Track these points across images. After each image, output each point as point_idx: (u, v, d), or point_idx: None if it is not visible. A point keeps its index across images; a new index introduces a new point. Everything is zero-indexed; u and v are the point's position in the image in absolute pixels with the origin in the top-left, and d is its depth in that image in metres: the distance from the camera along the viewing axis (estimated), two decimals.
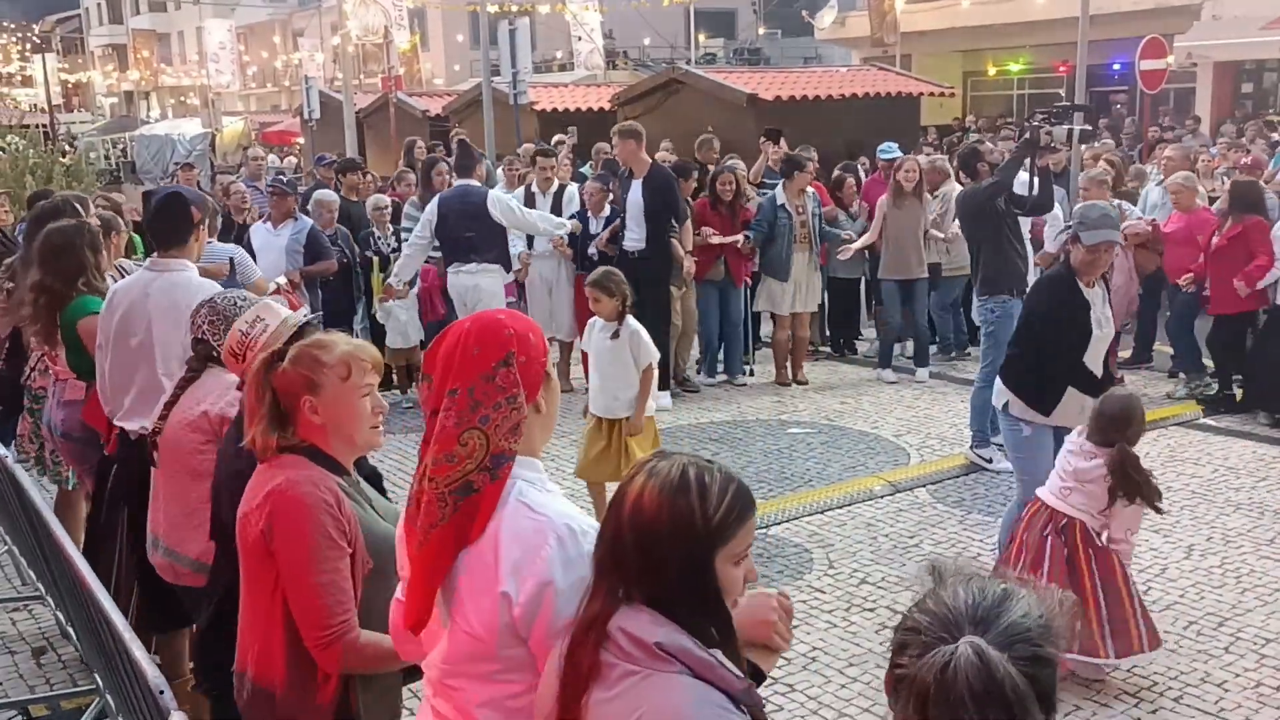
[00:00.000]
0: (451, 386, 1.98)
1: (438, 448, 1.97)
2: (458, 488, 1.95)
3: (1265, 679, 4.50)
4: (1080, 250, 4.94)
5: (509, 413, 1.98)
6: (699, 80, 15.79)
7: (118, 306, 4.21)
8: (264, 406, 2.52)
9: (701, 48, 37.33)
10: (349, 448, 2.62)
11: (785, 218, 9.04)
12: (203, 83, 48.40)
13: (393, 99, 20.63)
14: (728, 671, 1.71)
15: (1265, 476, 6.85)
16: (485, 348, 1.99)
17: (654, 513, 1.75)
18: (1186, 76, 24.67)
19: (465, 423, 1.96)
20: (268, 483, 2.49)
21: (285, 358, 2.55)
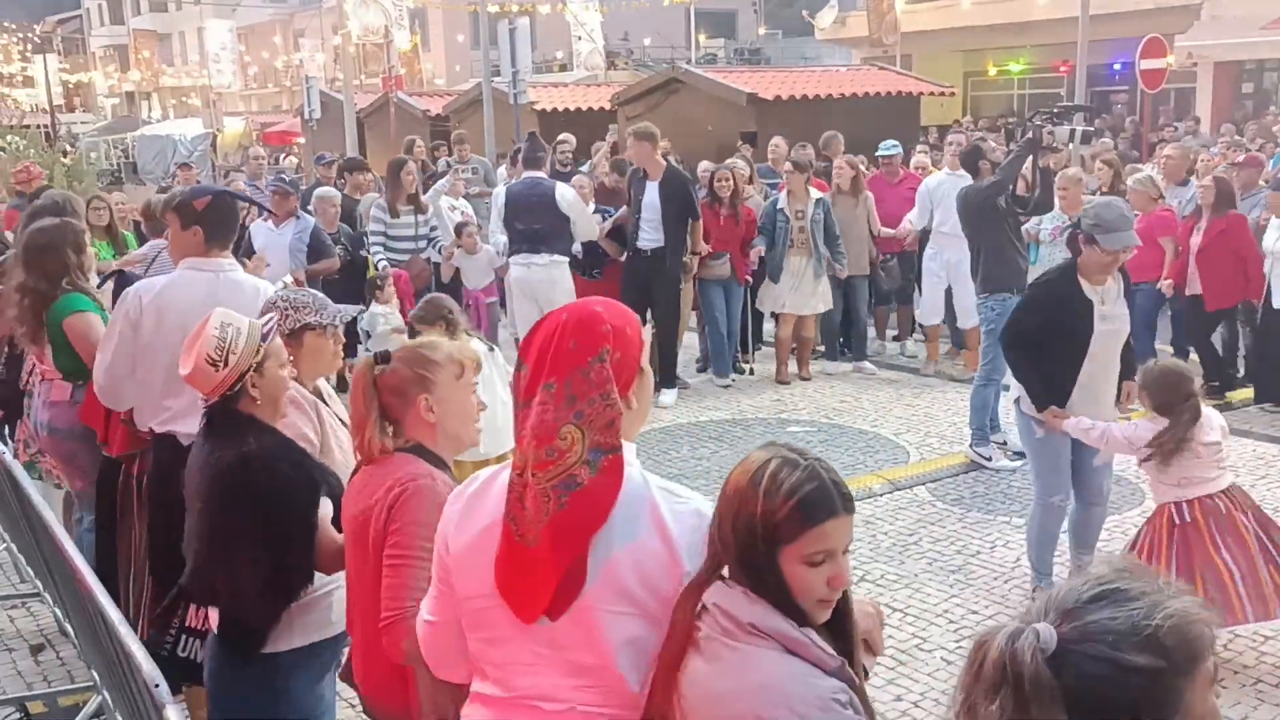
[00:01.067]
0: (548, 380, 1.98)
1: (537, 442, 1.96)
2: (560, 482, 1.94)
3: (1264, 675, 4.51)
4: (1096, 252, 4.83)
5: (603, 409, 1.96)
6: (699, 80, 15.81)
7: (166, 308, 4.05)
8: (373, 408, 2.55)
9: (702, 48, 37.36)
10: (454, 445, 2.67)
11: (783, 221, 9.06)
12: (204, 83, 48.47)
13: (393, 99, 20.64)
14: (821, 650, 1.78)
15: (1265, 475, 6.85)
16: (582, 342, 1.98)
17: (729, 501, 1.84)
18: (1187, 76, 24.66)
19: (563, 418, 1.95)
20: (385, 479, 2.52)
21: (389, 359, 2.59)
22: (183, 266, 4.18)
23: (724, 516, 1.85)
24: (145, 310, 4.06)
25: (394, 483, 2.50)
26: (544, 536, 1.94)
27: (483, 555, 2.05)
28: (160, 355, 4.00)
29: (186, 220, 4.14)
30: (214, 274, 4.10)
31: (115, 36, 63.90)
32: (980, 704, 1.36)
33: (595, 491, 1.95)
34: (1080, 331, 4.90)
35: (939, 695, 4.43)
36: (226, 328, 2.96)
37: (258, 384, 2.96)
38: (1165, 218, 8.59)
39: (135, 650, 2.50)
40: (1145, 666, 1.31)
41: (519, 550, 1.98)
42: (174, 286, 4.12)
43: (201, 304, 3.91)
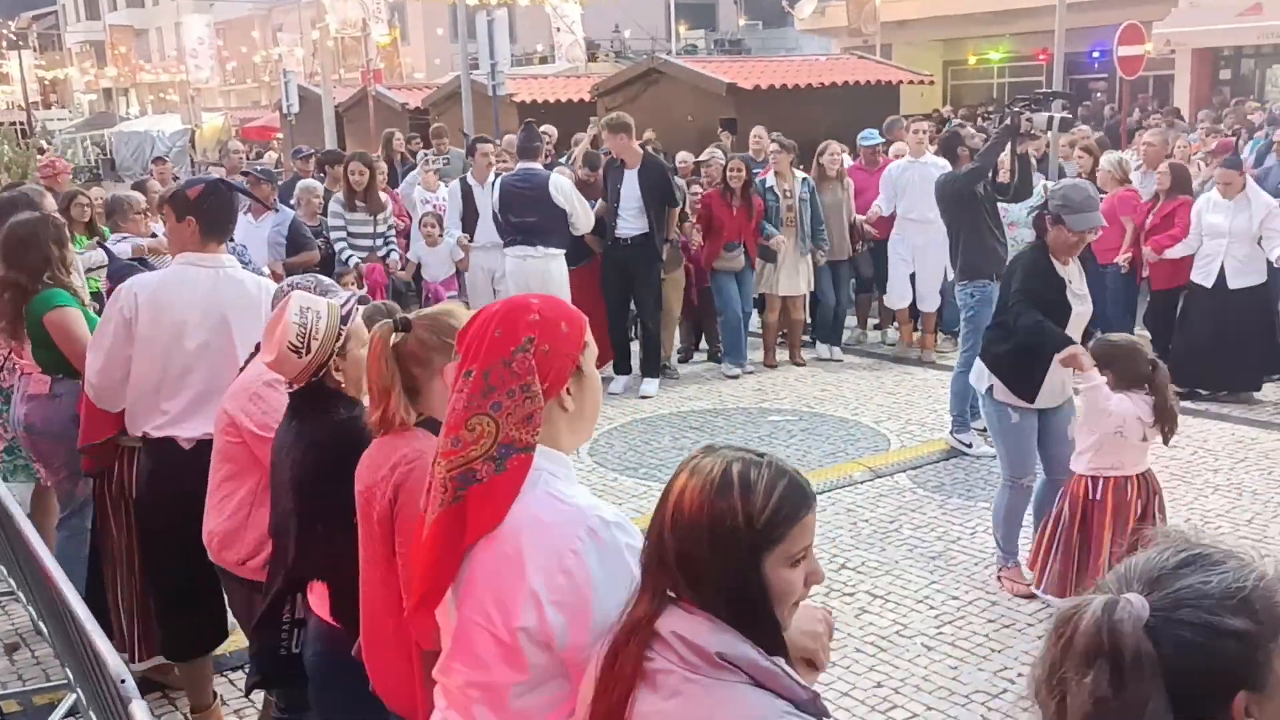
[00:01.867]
0: (467, 368, 1.91)
1: (447, 430, 1.90)
2: (459, 474, 1.86)
3: None
4: (1064, 233, 4.92)
5: (522, 401, 1.87)
6: (678, 70, 15.77)
7: (163, 305, 3.87)
8: (395, 378, 2.41)
9: (683, 39, 37.29)
10: None
11: (773, 200, 9.07)
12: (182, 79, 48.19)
13: (371, 92, 20.53)
14: (793, 681, 1.63)
15: (1243, 458, 6.88)
16: (506, 331, 1.91)
17: (694, 515, 1.63)
18: (1165, 64, 24.77)
19: (475, 407, 1.87)
20: (392, 454, 2.44)
21: (409, 326, 2.45)
22: (179, 261, 3.99)
23: (688, 536, 1.64)
24: (140, 307, 3.87)
25: (400, 459, 2.41)
26: (434, 527, 1.88)
27: None
28: (156, 355, 3.87)
29: (180, 211, 3.94)
30: (213, 270, 3.93)
31: (92, 32, 63.43)
32: (1072, 679, 1.30)
33: (494, 490, 1.86)
34: (1059, 309, 4.95)
35: (919, 681, 4.43)
36: (306, 312, 2.89)
37: (341, 367, 2.93)
38: (1127, 198, 8.74)
39: (101, 646, 2.47)
40: (1241, 630, 1.27)
41: (420, 540, 1.95)
42: (170, 283, 3.94)
43: (202, 301, 3.85)
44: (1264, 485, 6.37)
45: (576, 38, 28.68)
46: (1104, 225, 5.15)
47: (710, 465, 1.66)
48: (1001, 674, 4.49)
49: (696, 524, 1.63)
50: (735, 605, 1.62)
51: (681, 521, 1.64)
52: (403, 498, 2.37)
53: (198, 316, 3.87)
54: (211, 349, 3.87)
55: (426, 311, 2.56)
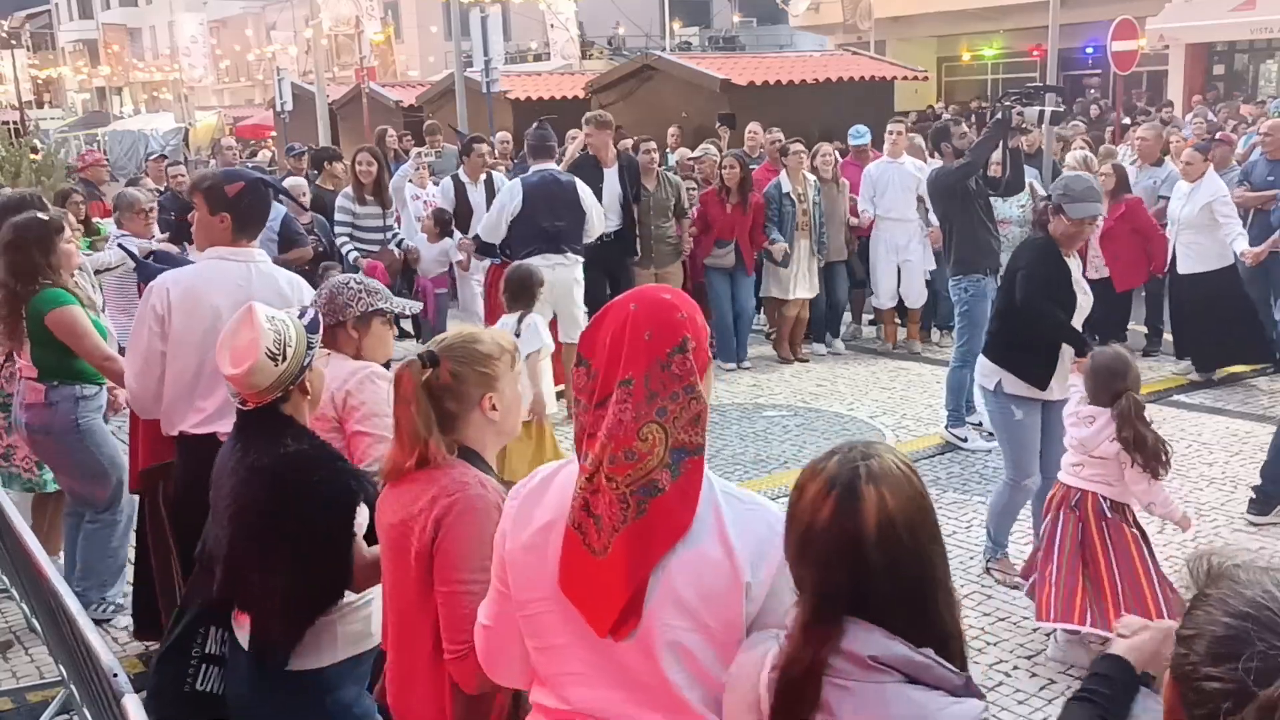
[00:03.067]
0: (624, 376, 1.81)
1: (614, 444, 1.80)
2: (640, 487, 1.78)
3: None
4: (1064, 222, 4.92)
5: (687, 403, 1.81)
6: (672, 66, 15.77)
7: (197, 300, 3.75)
8: (432, 421, 2.30)
9: (677, 36, 37.28)
10: (503, 439, 2.49)
11: (790, 205, 9.05)
12: (175, 77, 48.09)
13: (365, 90, 20.51)
14: (944, 670, 1.63)
15: (1238, 451, 6.88)
16: (658, 332, 1.81)
17: (908, 523, 1.64)
18: (1159, 59, 24.82)
19: (643, 416, 1.79)
20: (429, 486, 2.31)
21: (437, 360, 2.33)
22: (208, 255, 3.88)
23: (901, 550, 1.63)
24: (174, 303, 3.76)
25: (439, 492, 2.29)
26: (617, 547, 1.79)
27: (537, 556, 1.92)
28: (192, 351, 3.78)
29: (215, 205, 3.82)
30: (245, 264, 3.84)
31: (85, 31, 63.33)
32: None
33: (676, 497, 1.80)
34: (1068, 299, 4.96)
35: None
36: (274, 319, 2.73)
37: (310, 379, 2.78)
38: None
39: (94, 641, 2.46)
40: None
41: (587, 562, 1.83)
42: (203, 277, 3.83)
43: (236, 295, 3.68)
44: (1259, 478, 6.36)
45: (571, 35, 28.68)
46: (1103, 215, 5.15)
47: (888, 468, 1.67)
48: (996, 667, 4.49)
49: (915, 530, 1.64)
50: (911, 604, 1.65)
51: (894, 533, 1.63)
52: (443, 532, 2.27)
53: (231, 311, 3.68)
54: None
55: (448, 341, 2.41)
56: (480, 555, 2.19)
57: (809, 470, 1.73)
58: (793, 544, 1.72)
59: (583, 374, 1.88)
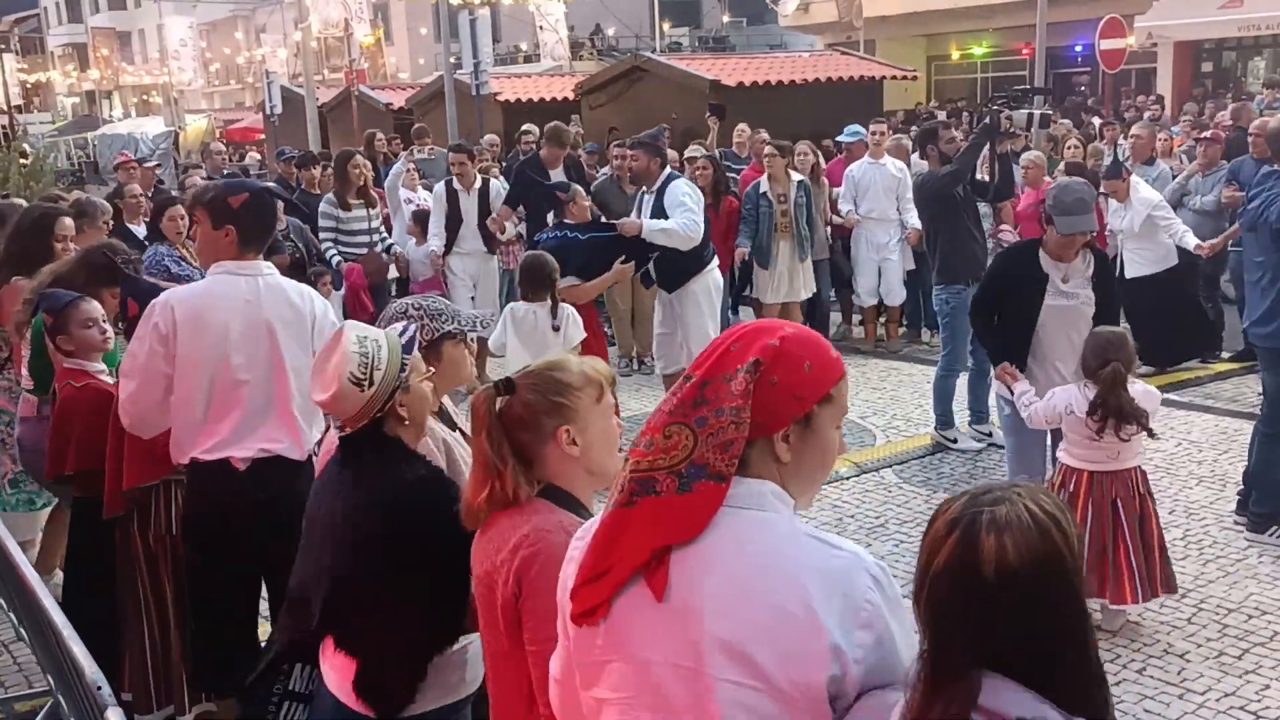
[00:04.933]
0: (691, 373, 1.75)
1: (645, 430, 1.74)
2: (640, 480, 1.70)
3: (1227, 648, 4.52)
4: (1053, 232, 4.96)
5: (727, 424, 1.67)
6: (661, 68, 15.77)
7: (205, 317, 3.57)
8: (507, 452, 2.15)
9: (667, 36, 37.28)
10: (597, 481, 2.28)
11: (766, 206, 9.02)
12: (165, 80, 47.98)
13: (355, 92, 20.48)
14: None
15: (1227, 449, 6.89)
16: (740, 349, 1.72)
17: (1031, 568, 1.49)
18: (1147, 57, 24.88)
19: (679, 414, 1.70)
20: (511, 533, 2.16)
21: (513, 387, 2.18)
22: (215, 270, 3.70)
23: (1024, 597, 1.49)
24: (179, 323, 3.57)
25: (520, 541, 2.13)
26: (601, 526, 1.76)
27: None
28: (201, 372, 3.59)
29: (219, 219, 3.65)
30: (253, 278, 3.65)
31: (74, 35, 63.21)
32: None
33: (669, 510, 1.68)
34: (1027, 304, 5.03)
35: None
36: (365, 340, 2.58)
37: (405, 402, 2.60)
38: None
39: (78, 653, 2.45)
40: None
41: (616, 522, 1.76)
42: (209, 293, 3.66)
43: (244, 311, 3.59)
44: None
45: (560, 36, 28.68)
46: (1094, 230, 5.15)
47: (1008, 513, 1.52)
48: None
49: (1037, 576, 1.50)
50: (1050, 656, 1.52)
51: (1015, 579, 1.48)
52: (527, 588, 2.10)
53: (240, 328, 3.60)
54: (259, 361, 3.61)
55: (532, 367, 2.26)
56: None
57: (942, 506, 1.61)
58: (916, 582, 1.60)
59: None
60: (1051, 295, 5.01)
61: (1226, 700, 4.15)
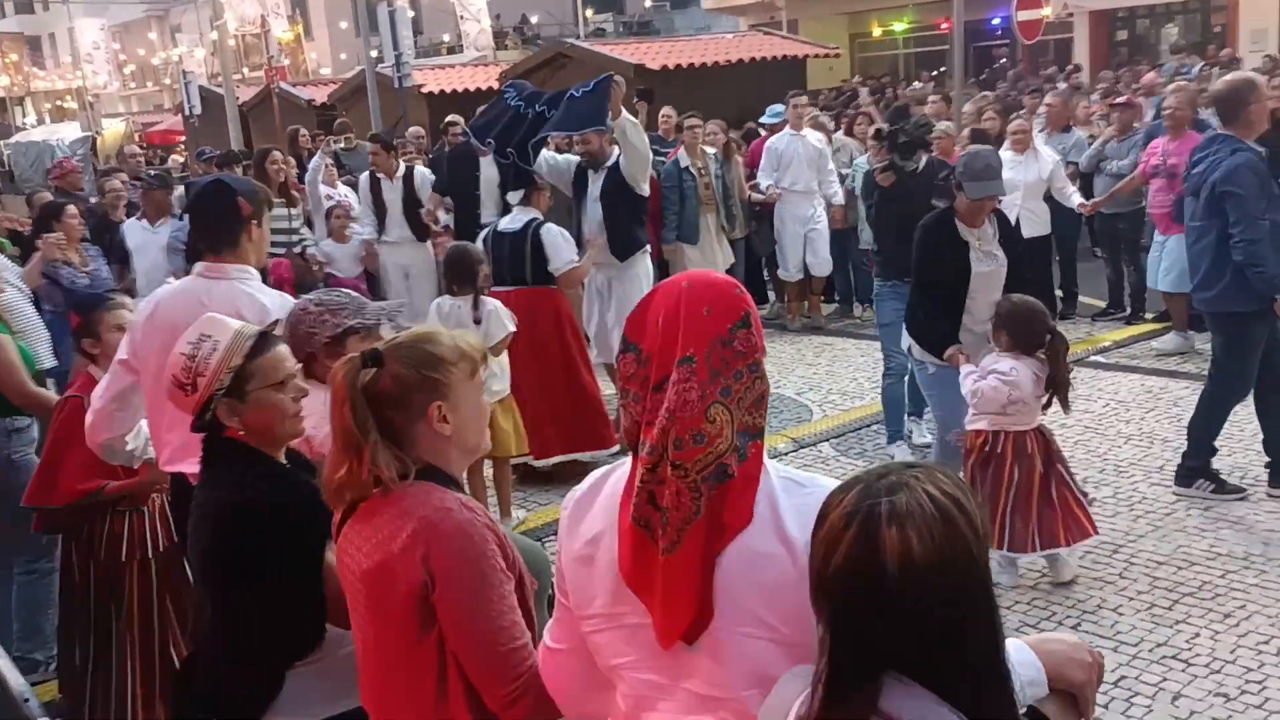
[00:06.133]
0: (684, 353, 1.67)
1: (679, 427, 1.65)
2: (712, 473, 1.65)
3: (1158, 600, 4.64)
4: (964, 199, 5.08)
5: (751, 382, 1.69)
6: (585, 54, 15.72)
7: (159, 325, 3.40)
8: (370, 426, 2.00)
9: (590, 23, 37.15)
10: (468, 457, 2.19)
11: (690, 179, 9.00)
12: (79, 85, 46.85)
13: (275, 90, 20.16)
14: None
15: (1153, 407, 7.05)
16: (718, 308, 1.69)
17: (936, 561, 1.37)
18: (1064, 27, 25.26)
19: (710, 395, 1.65)
20: (401, 521, 2.01)
21: (380, 360, 2.04)
22: (192, 273, 3.60)
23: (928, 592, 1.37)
24: (141, 324, 3.48)
25: (419, 525, 1.99)
26: (689, 542, 1.64)
27: (585, 570, 1.79)
28: (153, 377, 3.43)
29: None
30: (217, 281, 3.46)
31: None
32: None
33: (742, 484, 1.66)
34: (958, 272, 5.10)
35: None
36: (203, 341, 2.42)
37: (238, 411, 2.42)
38: None
39: (3, 666, 2.40)
40: None
41: (653, 561, 1.67)
42: (171, 296, 3.53)
43: (195, 311, 3.25)
44: (1174, 433, 6.53)
45: (483, 26, 28.45)
46: (1003, 194, 5.27)
47: (909, 503, 1.40)
48: None
49: (942, 568, 1.37)
50: (956, 654, 1.41)
51: (915, 573, 1.37)
52: (444, 576, 1.98)
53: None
54: None
55: (400, 339, 2.13)
56: (496, 582, 1.99)
57: (830, 499, 1.49)
58: (811, 581, 1.49)
59: (631, 360, 1.73)
60: (976, 261, 5.11)
61: (1159, 650, 4.26)
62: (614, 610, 1.76)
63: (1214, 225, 5.32)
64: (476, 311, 5.67)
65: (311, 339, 2.88)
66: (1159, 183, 8.09)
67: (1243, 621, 4.40)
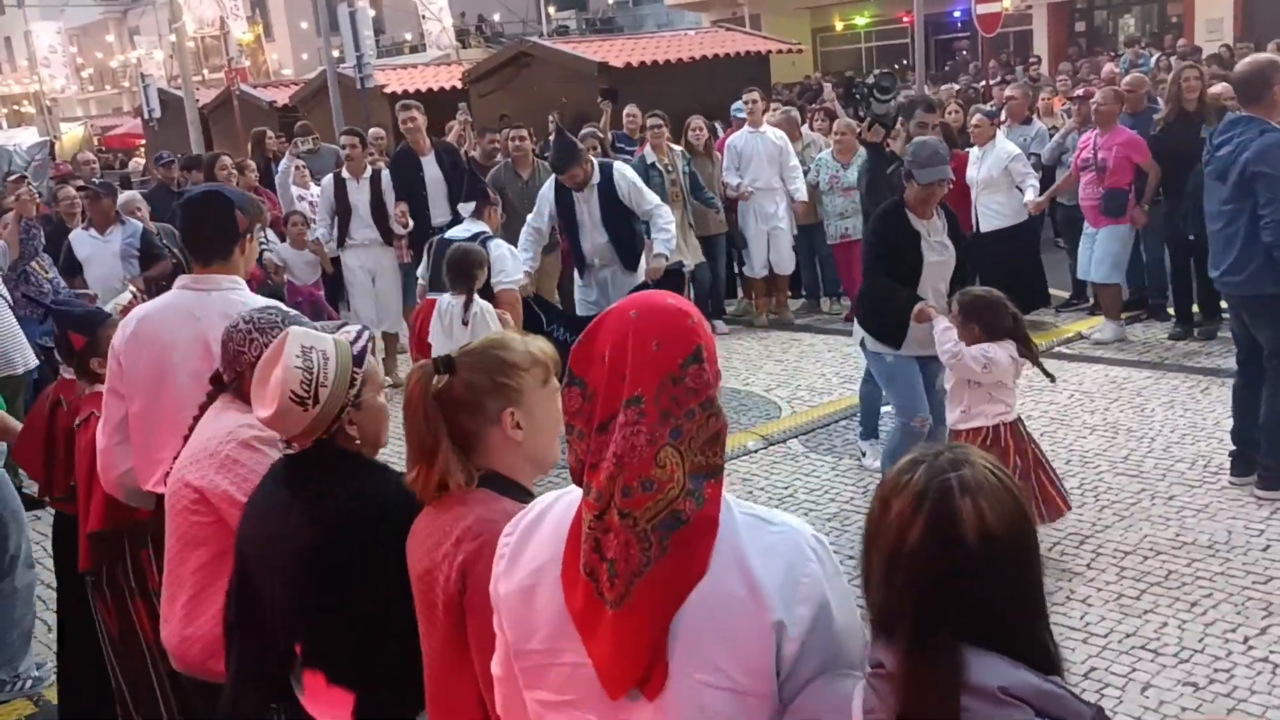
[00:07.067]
0: (631, 393, 1.58)
1: (627, 473, 1.57)
2: (663, 520, 1.55)
3: (1125, 590, 4.67)
4: (915, 187, 5.17)
5: (704, 420, 1.58)
6: (549, 52, 15.65)
7: (147, 339, 3.30)
8: (442, 433, 1.99)
9: (553, 20, 37.05)
10: (538, 467, 2.13)
11: (657, 176, 8.98)
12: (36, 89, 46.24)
13: (235, 92, 19.97)
14: (1077, 701, 1.46)
15: (1117, 398, 7.11)
16: (667, 341, 1.59)
17: (1004, 526, 1.46)
18: (1023, 19, 25.44)
19: (659, 439, 1.56)
20: (452, 526, 1.99)
21: (451, 368, 2.02)
22: (175, 286, 3.47)
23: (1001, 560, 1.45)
24: (127, 340, 3.33)
25: (464, 534, 1.97)
26: (638, 595, 1.56)
27: (527, 602, 1.71)
28: (142, 394, 3.32)
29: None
30: (206, 293, 3.33)
31: None
32: None
33: (698, 529, 1.57)
34: (911, 260, 5.20)
35: None
36: (309, 353, 2.34)
37: (355, 419, 2.39)
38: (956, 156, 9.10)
39: None
40: None
41: (600, 614, 1.59)
42: (156, 310, 3.40)
43: (185, 328, 3.29)
44: (1137, 423, 6.60)
45: (445, 25, 28.30)
46: (951, 179, 5.32)
47: (974, 475, 1.49)
48: None
49: (1014, 537, 1.47)
50: (1019, 620, 1.49)
51: (996, 543, 1.45)
52: (472, 581, 1.94)
53: (184, 347, 3.29)
54: (192, 388, 3.23)
55: (472, 345, 2.12)
56: None
57: (891, 483, 1.53)
58: (878, 568, 1.52)
59: (576, 395, 1.64)
60: (927, 251, 5.22)
61: (1128, 640, 4.29)
62: (554, 646, 1.68)
63: (1245, 208, 5.16)
64: (466, 313, 5.71)
65: (239, 359, 2.77)
66: (1089, 176, 8.24)
67: (1209, 610, 4.44)
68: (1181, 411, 6.72)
